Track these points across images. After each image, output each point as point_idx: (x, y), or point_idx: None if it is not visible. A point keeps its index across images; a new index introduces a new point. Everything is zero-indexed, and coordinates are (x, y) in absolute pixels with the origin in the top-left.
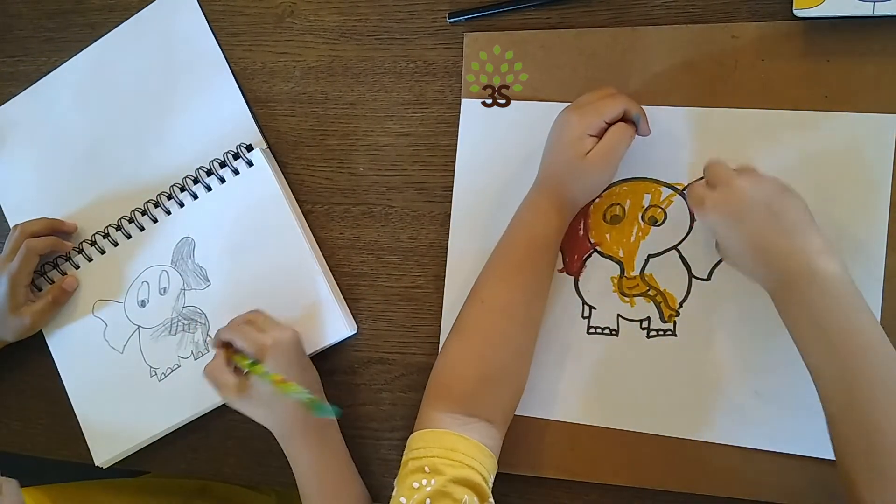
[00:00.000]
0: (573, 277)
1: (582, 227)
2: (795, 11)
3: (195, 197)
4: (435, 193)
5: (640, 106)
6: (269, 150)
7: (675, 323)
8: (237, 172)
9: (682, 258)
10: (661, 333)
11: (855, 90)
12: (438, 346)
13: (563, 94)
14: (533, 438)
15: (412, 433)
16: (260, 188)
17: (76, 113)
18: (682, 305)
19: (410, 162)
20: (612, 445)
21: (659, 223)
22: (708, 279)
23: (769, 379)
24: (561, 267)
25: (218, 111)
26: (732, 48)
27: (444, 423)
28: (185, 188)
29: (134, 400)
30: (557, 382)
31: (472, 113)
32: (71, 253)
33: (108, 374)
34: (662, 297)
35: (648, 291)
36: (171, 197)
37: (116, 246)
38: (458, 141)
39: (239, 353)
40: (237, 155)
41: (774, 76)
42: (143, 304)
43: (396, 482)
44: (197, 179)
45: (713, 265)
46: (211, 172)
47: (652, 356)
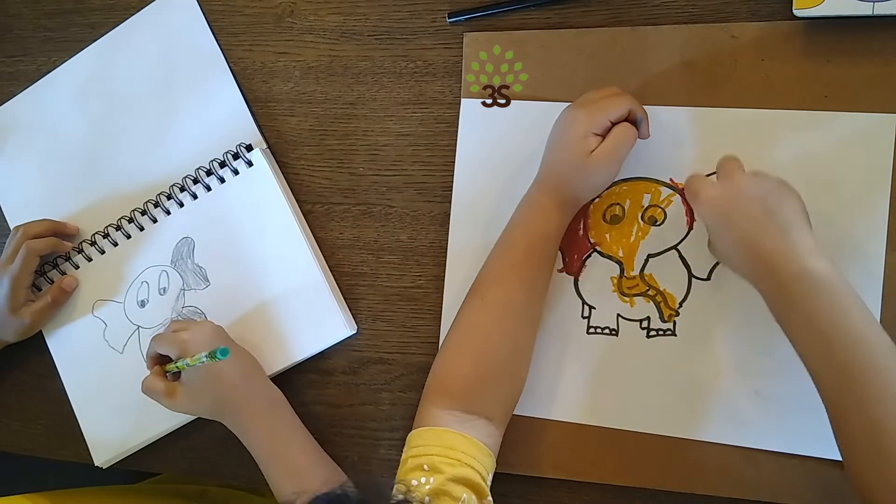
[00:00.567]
0: (573, 277)
1: (582, 226)
2: (795, 11)
3: (195, 197)
4: (435, 193)
5: (643, 107)
6: (268, 150)
7: (674, 323)
8: (237, 172)
9: (681, 258)
10: (660, 333)
11: (855, 90)
12: (438, 346)
13: (563, 94)
14: (533, 438)
15: (412, 430)
16: (260, 188)
17: (76, 113)
18: (681, 305)
19: (410, 162)
20: (612, 445)
21: (659, 223)
22: (708, 279)
23: (769, 378)
24: (561, 267)
25: (218, 111)
26: (732, 48)
27: (443, 420)
28: (184, 188)
29: (134, 400)
30: (557, 382)
31: (472, 113)
32: (71, 253)
33: (107, 374)
34: (662, 296)
35: (648, 291)
36: (170, 197)
37: (116, 246)
38: (457, 141)
39: (168, 361)
40: (237, 155)
41: (774, 76)
42: (142, 304)
43: (396, 479)
44: (196, 179)
45: (713, 265)
46: (211, 172)
47: (652, 356)
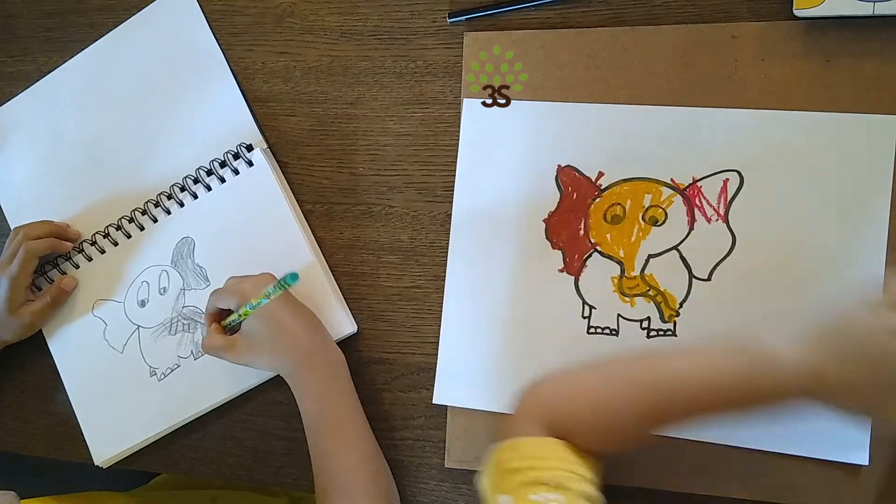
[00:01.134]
0: (573, 277)
1: (582, 226)
2: (795, 11)
3: (195, 197)
4: (435, 193)
5: None
6: (269, 150)
7: (675, 323)
8: (237, 172)
9: (682, 258)
10: (661, 333)
11: (855, 90)
12: (438, 346)
13: (563, 94)
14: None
15: (511, 439)
16: (260, 188)
17: (76, 113)
18: (682, 305)
19: (410, 162)
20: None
21: (659, 223)
22: (708, 279)
23: None
24: (561, 266)
25: (218, 111)
26: (732, 48)
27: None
28: (185, 188)
29: (134, 400)
30: None
31: (472, 113)
32: (71, 253)
33: (107, 373)
34: (663, 297)
35: (649, 291)
36: (171, 197)
37: (116, 246)
38: (458, 141)
39: (227, 315)
40: (237, 155)
41: (774, 76)
42: (142, 303)
43: (497, 488)
44: (197, 179)
45: (713, 265)
46: (211, 172)
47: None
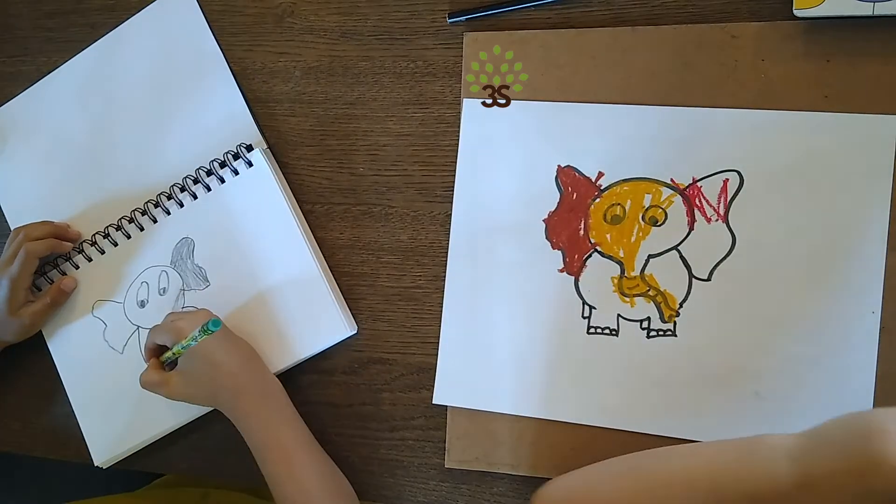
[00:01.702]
0: (573, 277)
1: (582, 227)
2: (795, 11)
3: (195, 197)
4: (435, 193)
5: None
6: (269, 150)
7: (675, 323)
8: (237, 173)
9: (682, 258)
10: (661, 334)
11: (855, 90)
12: (438, 346)
13: (563, 94)
14: (533, 438)
15: None
16: (259, 189)
17: (76, 113)
18: (682, 306)
19: (410, 162)
20: (612, 446)
21: (659, 223)
22: (708, 280)
23: (769, 379)
24: (561, 266)
25: (218, 111)
26: (732, 48)
27: None
28: (184, 188)
29: (134, 400)
30: (557, 383)
31: (472, 113)
32: (71, 253)
33: (107, 374)
34: (663, 297)
35: (649, 291)
36: (170, 197)
37: (116, 246)
38: (458, 141)
39: (165, 351)
40: (237, 155)
41: (774, 76)
42: (142, 304)
43: None
44: (197, 179)
45: (713, 265)
46: (211, 173)
47: (652, 356)
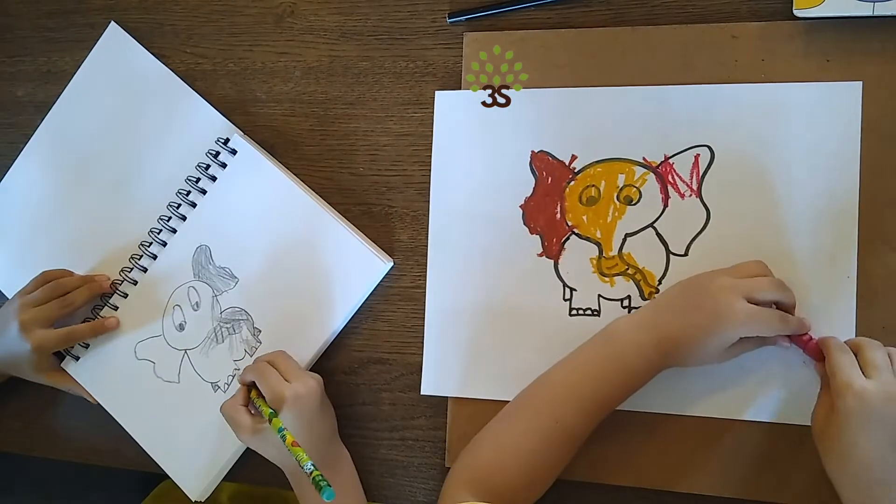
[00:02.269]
0: (553, 261)
1: (559, 210)
2: (795, 11)
3: (194, 206)
4: None
5: (807, 325)
6: (245, 134)
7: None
8: (224, 166)
9: (658, 235)
10: None
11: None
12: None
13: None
14: None
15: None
16: (252, 169)
17: (54, 182)
18: (661, 282)
19: (410, 162)
20: (612, 445)
21: (634, 202)
22: (685, 255)
23: (752, 351)
24: (540, 251)
25: (191, 124)
26: (732, 48)
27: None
28: (181, 203)
29: (207, 421)
30: (542, 367)
31: (443, 105)
32: (96, 305)
33: (172, 409)
34: (641, 274)
35: (627, 270)
36: (171, 217)
37: (136, 284)
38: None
39: (262, 396)
40: (217, 152)
41: (774, 76)
42: (181, 327)
43: None
44: (189, 191)
45: (690, 240)
46: (199, 179)
47: None
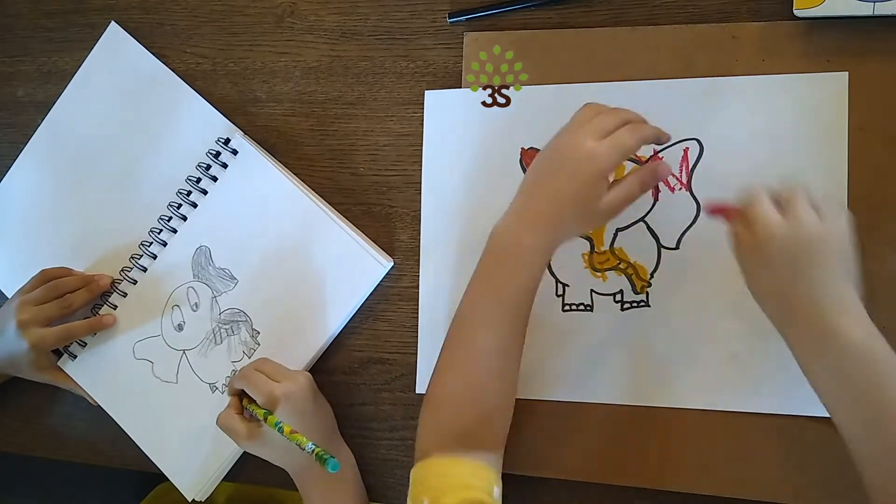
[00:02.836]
0: None
1: None
2: (795, 11)
3: (195, 206)
4: None
5: (665, 134)
6: (246, 134)
7: (647, 294)
8: (225, 166)
9: (649, 229)
10: (634, 305)
11: (855, 90)
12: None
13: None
14: (532, 438)
15: (414, 465)
16: (252, 170)
17: (54, 186)
18: (653, 276)
19: (410, 162)
20: (612, 445)
21: None
22: (677, 248)
23: (744, 342)
24: None
25: (191, 124)
26: (732, 48)
27: (440, 453)
28: (182, 203)
29: (204, 422)
30: (537, 363)
31: (432, 104)
32: (95, 304)
33: (170, 409)
34: (633, 269)
35: (619, 265)
36: (171, 217)
37: (136, 284)
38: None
39: (253, 402)
40: (218, 153)
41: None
42: (179, 327)
43: None
44: (190, 191)
45: (681, 234)
46: (200, 179)
47: (627, 328)
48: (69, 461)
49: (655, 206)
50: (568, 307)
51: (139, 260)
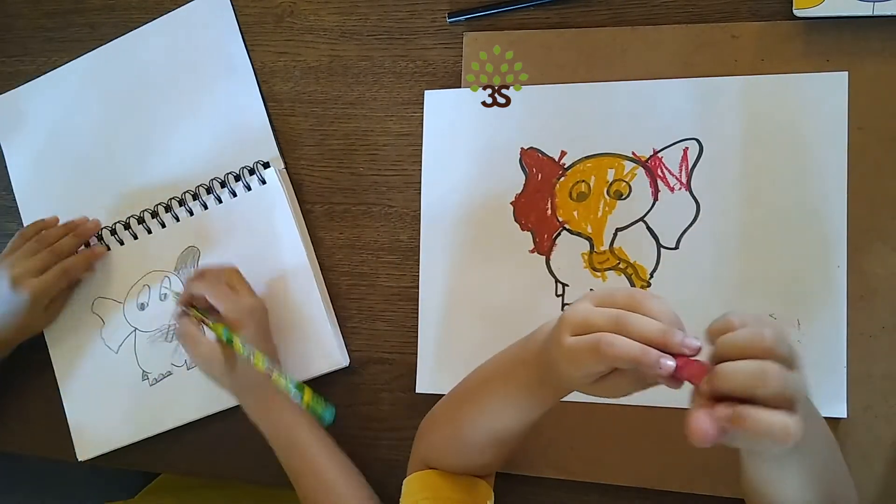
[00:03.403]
0: (544, 257)
1: (549, 206)
2: (795, 11)
3: (205, 207)
4: None
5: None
6: (285, 170)
7: None
8: (249, 188)
9: (649, 229)
10: None
11: (855, 90)
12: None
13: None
14: (532, 438)
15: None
16: (271, 208)
17: (95, 103)
18: (652, 276)
19: (410, 162)
20: (612, 445)
21: (624, 196)
22: (676, 248)
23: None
24: (531, 247)
25: (239, 121)
26: (732, 48)
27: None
28: (197, 196)
29: (123, 401)
30: None
31: (433, 104)
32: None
33: (100, 372)
34: (633, 268)
35: (619, 264)
36: (182, 203)
37: (122, 245)
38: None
39: (212, 316)
40: (252, 171)
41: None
42: (142, 307)
43: None
44: (210, 189)
45: (680, 233)
46: (224, 184)
47: None
48: (69, 461)
49: (655, 205)
50: (568, 307)
51: (136, 225)
